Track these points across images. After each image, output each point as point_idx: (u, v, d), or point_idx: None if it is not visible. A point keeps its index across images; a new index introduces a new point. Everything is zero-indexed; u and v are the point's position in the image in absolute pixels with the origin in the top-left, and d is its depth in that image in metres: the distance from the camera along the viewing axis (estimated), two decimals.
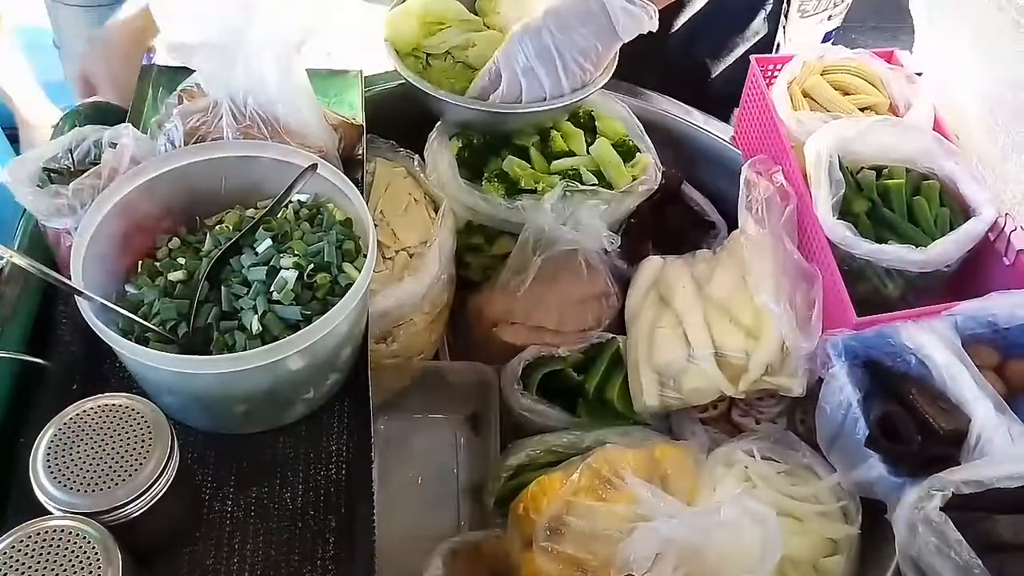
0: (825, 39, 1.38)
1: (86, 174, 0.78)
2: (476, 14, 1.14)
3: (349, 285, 0.73)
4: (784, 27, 1.32)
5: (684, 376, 0.94)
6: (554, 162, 1.08)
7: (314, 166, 0.78)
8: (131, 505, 0.61)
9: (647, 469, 0.85)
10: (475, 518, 0.97)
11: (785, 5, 1.30)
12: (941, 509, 0.71)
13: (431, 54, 1.09)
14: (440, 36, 1.08)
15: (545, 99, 0.99)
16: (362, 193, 0.81)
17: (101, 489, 0.60)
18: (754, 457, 0.88)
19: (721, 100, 1.28)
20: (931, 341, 0.83)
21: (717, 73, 1.39)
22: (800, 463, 0.89)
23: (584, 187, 1.04)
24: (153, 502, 0.62)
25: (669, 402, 0.95)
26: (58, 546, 0.57)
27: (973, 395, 0.78)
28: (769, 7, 1.32)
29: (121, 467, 0.61)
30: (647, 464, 0.85)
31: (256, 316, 0.72)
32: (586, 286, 1.05)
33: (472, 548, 0.87)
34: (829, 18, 1.35)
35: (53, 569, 0.57)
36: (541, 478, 0.85)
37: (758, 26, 1.34)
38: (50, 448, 0.62)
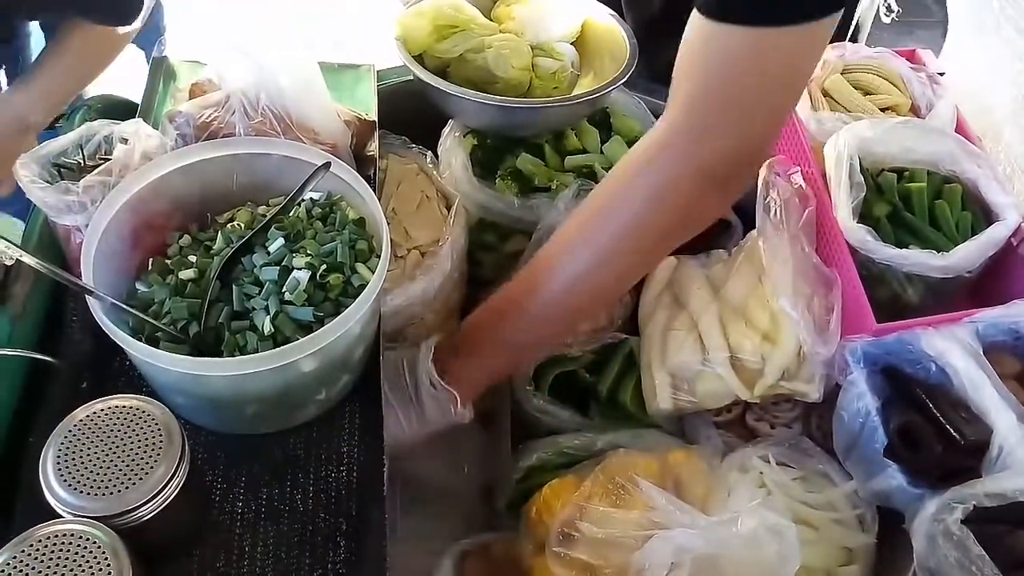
0: None
1: (96, 170, 0.77)
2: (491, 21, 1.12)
3: (362, 286, 0.72)
4: None
5: (698, 379, 0.92)
6: (568, 158, 1.06)
7: (327, 165, 0.77)
8: (142, 509, 0.60)
9: (660, 474, 0.84)
10: (486, 520, 0.96)
11: None
12: (962, 522, 0.70)
13: (442, 58, 1.07)
14: (452, 40, 1.05)
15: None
16: (374, 190, 0.80)
17: (111, 493, 0.59)
18: (769, 463, 0.87)
19: None
20: (952, 348, 0.81)
21: None
22: (816, 470, 0.87)
23: None
24: (164, 506, 0.61)
25: (682, 405, 0.93)
26: (67, 550, 0.57)
27: (995, 405, 0.77)
28: None
29: (132, 470, 0.60)
30: (660, 469, 0.84)
31: (268, 317, 0.71)
32: None
33: (483, 550, 0.87)
34: None
35: (62, 573, 0.56)
36: (553, 482, 0.84)
37: None
38: (60, 451, 0.61)
